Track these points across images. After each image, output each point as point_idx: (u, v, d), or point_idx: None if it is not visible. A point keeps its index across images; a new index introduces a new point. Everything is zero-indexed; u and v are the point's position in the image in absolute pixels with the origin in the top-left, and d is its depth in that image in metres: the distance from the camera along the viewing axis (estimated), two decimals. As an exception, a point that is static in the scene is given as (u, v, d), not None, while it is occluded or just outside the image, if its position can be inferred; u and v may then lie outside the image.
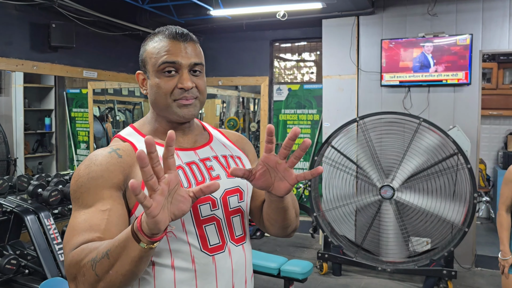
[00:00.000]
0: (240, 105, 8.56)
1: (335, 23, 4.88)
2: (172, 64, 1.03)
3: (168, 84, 1.03)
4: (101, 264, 0.85)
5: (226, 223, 1.08)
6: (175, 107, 1.05)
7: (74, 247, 0.91)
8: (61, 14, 4.25)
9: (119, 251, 0.84)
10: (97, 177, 0.97)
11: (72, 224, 0.95)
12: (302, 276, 3.07)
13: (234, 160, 1.16)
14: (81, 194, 0.97)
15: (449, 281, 3.75)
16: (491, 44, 4.28)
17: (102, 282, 0.86)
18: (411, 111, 4.49)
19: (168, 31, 1.07)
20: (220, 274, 1.03)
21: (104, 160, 0.99)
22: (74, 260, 0.89)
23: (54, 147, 6.12)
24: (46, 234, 3.65)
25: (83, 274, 0.88)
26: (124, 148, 1.03)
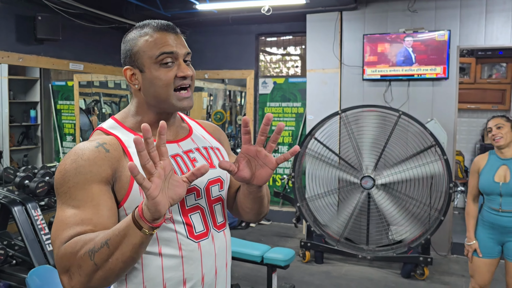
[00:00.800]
0: (227, 98, 8.62)
1: (319, 18, 4.98)
2: (170, 55, 1.06)
3: (168, 75, 1.06)
4: (101, 253, 0.88)
5: (209, 211, 1.14)
6: (175, 99, 1.07)
7: (65, 240, 0.93)
8: (47, 6, 4.27)
9: (120, 239, 0.88)
10: (86, 172, 0.98)
11: (61, 218, 0.97)
12: (284, 263, 3.18)
13: (214, 152, 1.21)
14: (68, 189, 0.98)
15: (425, 267, 3.91)
16: (468, 40, 4.43)
17: (100, 271, 0.90)
18: (391, 104, 4.63)
19: (156, 24, 1.08)
20: (205, 258, 1.10)
21: (92, 155, 1.00)
22: (68, 253, 0.92)
23: (39, 139, 6.12)
24: (33, 225, 3.70)
25: (79, 265, 0.90)
26: (110, 142, 1.05)
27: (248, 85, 5.87)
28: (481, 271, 2.67)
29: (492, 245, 2.62)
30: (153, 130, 1.11)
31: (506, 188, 2.51)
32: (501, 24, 4.29)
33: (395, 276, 4.03)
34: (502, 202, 2.54)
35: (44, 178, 4.16)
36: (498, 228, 2.58)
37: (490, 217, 2.60)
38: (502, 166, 2.57)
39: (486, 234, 2.63)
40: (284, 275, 3.91)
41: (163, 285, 1.06)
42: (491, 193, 2.57)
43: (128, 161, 1.03)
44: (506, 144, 2.55)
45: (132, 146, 1.05)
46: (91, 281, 0.91)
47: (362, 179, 4.20)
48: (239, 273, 3.96)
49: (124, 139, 1.08)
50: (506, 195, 2.52)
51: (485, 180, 2.60)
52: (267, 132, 1.01)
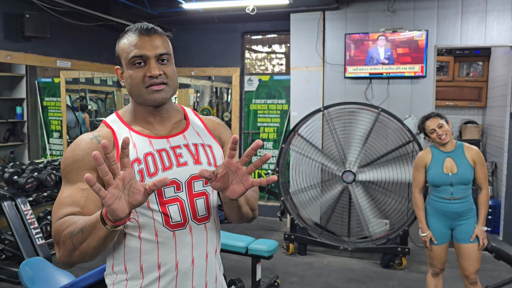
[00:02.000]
0: (213, 95, 8.71)
1: (302, 17, 5.12)
2: (140, 58, 1.17)
3: (138, 74, 1.18)
4: (77, 237, 1.04)
5: (189, 204, 1.21)
6: (147, 94, 1.19)
7: (59, 217, 1.11)
8: (35, 4, 4.32)
9: (91, 229, 1.02)
10: (79, 160, 1.15)
11: (59, 198, 1.15)
12: (268, 254, 3.32)
13: (204, 149, 1.27)
14: (66, 173, 1.16)
15: (403, 257, 4.10)
16: (445, 40, 4.62)
17: (77, 251, 1.06)
18: (372, 101, 4.79)
19: (135, 28, 1.20)
20: (180, 247, 1.19)
21: (86, 145, 1.17)
22: (57, 229, 1.10)
23: (26, 136, 6.14)
24: (23, 219, 3.77)
25: (63, 242, 1.08)
26: (105, 134, 1.20)
27: (234, 83, 5.98)
28: (439, 256, 2.89)
29: (444, 231, 2.85)
30: (143, 124, 1.25)
31: (456, 178, 2.74)
32: (475, 24, 4.48)
33: (375, 266, 4.20)
34: (453, 191, 2.76)
35: (32, 173, 4.22)
36: (449, 215, 2.80)
37: (441, 206, 2.81)
38: (447, 158, 2.78)
39: (438, 222, 2.85)
40: (268, 266, 4.05)
41: (140, 266, 1.19)
42: (441, 184, 2.77)
43: (115, 152, 1.16)
44: (450, 139, 2.78)
45: (121, 139, 1.15)
46: (71, 256, 1.08)
47: (344, 174, 4.36)
48: (225, 264, 4.08)
49: (118, 132, 1.21)
50: (456, 184, 2.74)
51: (435, 173, 2.80)
52: (252, 156, 1.05)
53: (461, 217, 2.79)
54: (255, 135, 5.97)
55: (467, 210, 2.79)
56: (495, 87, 5.45)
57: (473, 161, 2.75)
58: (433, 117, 2.82)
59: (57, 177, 4.35)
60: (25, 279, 2.36)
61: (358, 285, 3.77)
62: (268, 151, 5.90)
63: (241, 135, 6.03)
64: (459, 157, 2.76)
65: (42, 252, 3.69)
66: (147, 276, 1.19)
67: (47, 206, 4.62)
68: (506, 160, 4.55)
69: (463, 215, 2.79)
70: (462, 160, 2.75)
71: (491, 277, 3.89)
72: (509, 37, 4.38)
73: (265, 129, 5.92)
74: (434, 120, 2.79)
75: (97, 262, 3.99)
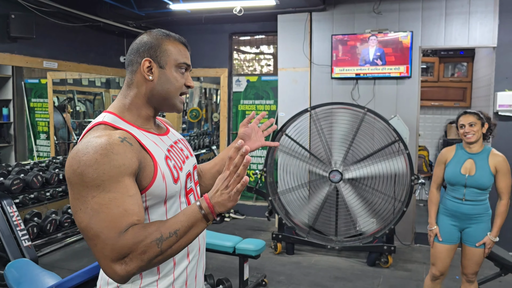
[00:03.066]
0: (202, 96, 8.71)
1: (289, 18, 5.16)
2: (187, 66, 1.27)
3: (181, 80, 1.26)
4: (168, 241, 1.04)
5: (196, 191, 1.36)
6: (179, 101, 1.27)
7: (122, 230, 1.02)
8: (21, 4, 4.29)
9: (187, 229, 1.06)
10: (119, 165, 1.05)
11: (103, 210, 1.03)
12: (255, 253, 3.35)
13: (185, 142, 1.41)
14: (102, 182, 1.03)
15: (389, 255, 4.15)
16: (430, 41, 4.69)
17: (161, 256, 1.05)
18: (358, 101, 4.85)
19: (178, 37, 1.28)
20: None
21: (121, 148, 1.07)
22: (129, 242, 1.02)
23: (12, 137, 6.08)
24: (9, 221, 3.74)
25: (142, 252, 1.02)
26: (128, 136, 1.13)
27: (222, 83, 6.00)
28: (442, 256, 2.86)
29: (453, 232, 2.83)
30: (146, 124, 1.25)
31: (471, 181, 2.71)
32: (459, 26, 4.56)
33: (361, 264, 4.25)
34: (466, 192, 2.74)
35: (19, 175, 4.20)
36: (460, 216, 2.78)
37: (453, 205, 2.80)
38: (468, 159, 2.75)
39: (448, 221, 2.83)
40: (256, 265, 4.08)
41: (173, 261, 1.23)
42: (456, 184, 2.76)
43: (147, 153, 1.15)
44: (475, 140, 2.73)
45: (143, 140, 1.17)
46: (148, 265, 1.05)
47: (331, 173, 4.41)
48: (213, 264, 4.11)
49: (134, 133, 1.17)
50: (470, 186, 2.72)
51: (452, 171, 2.78)
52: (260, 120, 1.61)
53: (472, 220, 2.75)
54: (244, 136, 5.98)
55: (479, 213, 2.74)
56: (479, 87, 5.55)
57: (495, 169, 2.69)
58: (470, 114, 2.73)
59: (43, 179, 4.33)
60: (10, 281, 2.35)
61: (345, 284, 3.81)
62: (256, 151, 5.93)
63: (229, 136, 6.05)
64: (481, 161, 2.71)
65: (28, 254, 3.67)
66: (178, 268, 1.24)
67: (34, 208, 4.59)
68: (489, 159, 4.62)
69: (474, 218, 2.75)
70: (483, 165, 2.70)
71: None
72: (491, 38, 4.47)
73: (253, 129, 5.94)
74: (470, 117, 2.71)
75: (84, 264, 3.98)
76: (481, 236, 2.76)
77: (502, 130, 4.53)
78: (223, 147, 6.04)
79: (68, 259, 4.28)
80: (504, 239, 4.34)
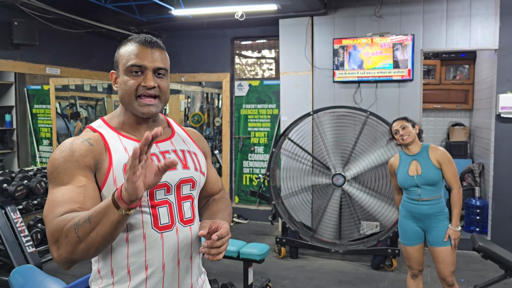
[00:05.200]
0: (204, 101, 8.72)
1: (291, 22, 5.18)
2: (138, 67, 1.21)
3: (133, 82, 1.21)
4: (83, 227, 1.02)
5: (177, 207, 1.26)
6: (137, 104, 1.22)
7: (58, 215, 1.07)
8: (23, 12, 4.31)
9: (100, 216, 1.01)
10: (73, 161, 1.15)
11: (52, 198, 1.12)
12: (260, 257, 3.34)
13: (190, 155, 1.34)
14: (57, 174, 1.15)
15: (393, 259, 4.14)
16: (431, 44, 4.69)
17: (83, 243, 1.03)
18: (361, 105, 4.85)
19: (139, 38, 1.24)
20: (167, 248, 1.22)
21: (78, 147, 1.18)
22: (58, 226, 1.05)
23: (15, 144, 6.10)
24: (13, 228, 3.75)
25: (65, 236, 1.03)
26: (94, 137, 1.21)
27: (224, 88, 6.01)
28: (415, 257, 2.96)
29: (417, 232, 2.92)
30: (129, 130, 1.28)
31: (420, 179, 2.83)
32: (460, 29, 4.57)
33: (365, 268, 4.24)
34: (421, 192, 2.84)
35: (22, 181, 4.21)
36: (419, 217, 2.87)
37: (412, 207, 2.90)
38: (412, 161, 2.88)
39: (410, 223, 2.93)
40: (260, 270, 4.07)
41: (127, 268, 1.21)
42: (409, 186, 2.88)
43: (107, 156, 1.19)
44: (412, 140, 2.87)
45: (112, 143, 1.22)
46: (75, 251, 1.04)
47: (334, 177, 4.40)
48: (217, 269, 4.10)
49: (107, 137, 1.23)
50: (422, 185, 2.83)
51: (401, 176, 2.91)
52: None
53: (432, 220, 2.85)
54: (246, 140, 6.00)
55: (437, 212, 2.84)
56: (481, 90, 5.54)
57: (437, 162, 2.83)
58: (399, 120, 2.95)
59: (47, 185, 4.33)
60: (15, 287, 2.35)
61: (349, 287, 3.79)
62: (259, 155, 5.93)
63: (232, 140, 6.06)
64: (423, 159, 2.85)
65: (32, 260, 3.67)
66: (134, 278, 1.21)
67: (37, 214, 4.59)
68: (492, 161, 4.62)
69: (434, 218, 2.84)
70: (426, 162, 2.84)
71: (480, 276, 3.95)
72: (493, 41, 4.47)
73: (255, 133, 5.95)
74: (399, 122, 2.92)
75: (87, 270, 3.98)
76: (444, 233, 2.84)
77: (504, 132, 4.54)
78: (225, 151, 6.05)
79: (71, 265, 4.27)
80: (509, 241, 4.34)
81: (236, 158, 6.06)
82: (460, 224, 2.94)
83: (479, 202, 4.91)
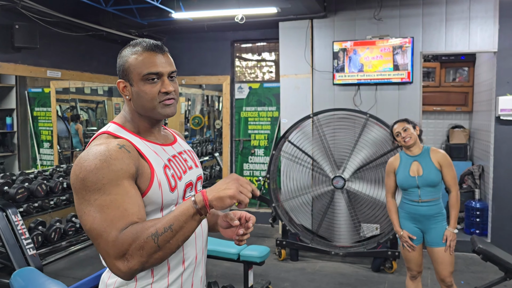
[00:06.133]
0: (204, 103, 8.74)
1: (290, 25, 5.20)
2: (155, 75, 1.24)
3: (153, 90, 1.23)
4: (164, 236, 1.07)
5: None
6: (160, 108, 1.25)
7: (121, 228, 1.08)
8: (24, 15, 4.33)
9: (182, 224, 1.08)
10: (118, 170, 1.12)
11: (104, 210, 1.09)
12: (260, 260, 3.34)
13: (192, 154, 1.44)
14: (103, 185, 1.10)
15: (393, 261, 4.15)
16: (430, 46, 4.71)
17: (160, 251, 1.08)
18: (361, 107, 4.86)
19: (146, 44, 1.25)
20: (197, 240, 1.33)
21: (119, 154, 1.15)
22: (128, 239, 1.07)
23: (16, 146, 6.11)
24: (14, 230, 3.75)
25: (140, 248, 1.06)
26: (127, 144, 1.20)
27: (224, 90, 6.03)
28: (414, 258, 2.96)
29: (416, 233, 2.92)
30: (147, 134, 1.31)
31: (422, 180, 2.84)
32: (459, 31, 4.59)
33: (366, 270, 4.24)
34: (421, 193, 2.85)
35: (23, 184, 4.21)
36: (419, 218, 2.89)
37: (411, 208, 2.91)
38: (413, 162, 2.89)
39: (409, 224, 2.93)
40: (260, 272, 4.08)
41: (168, 265, 1.25)
42: (409, 187, 2.88)
43: (145, 160, 1.21)
44: (414, 142, 2.89)
45: (143, 149, 1.24)
46: (149, 261, 1.08)
47: (334, 179, 4.41)
48: (217, 271, 4.11)
49: (134, 141, 1.24)
50: (423, 186, 2.84)
51: (402, 176, 2.91)
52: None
53: (431, 221, 2.86)
54: (246, 142, 6.01)
55: (436, 213, 2.86)
56: (480, 92, 5.56)
57: (438, 164, 2.85)
58: (400, 122, 2.96)
59: (48, 187, 4.34)
60: (16, 289, 2.36)
61: (350, 289, 3.80)
62: (259, 158, 5.95)
63: (232, 143, 6.07)
64: (425, 160, 2.87)
65: (33, 262, 3.67)
66: (172, 274, 1.26)
67: (38, 217, 4.60)
68: (492, 163, 4.63)
69: (433, 219, 2.86)
70: (427, 163, 2.86)
71: (479, 278, 3.95)
72: (492, 43, 4.49)
73: (256, 136, 5.97)
74: (401, 124, 2.93)
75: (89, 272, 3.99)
76: (443, 234, 2.85)
77: (504, 134, 4.55)
78: (226, 154, 6.06)
79: (72, 268, 4.28)
80: (509, 243, 4.34)
81: (236, 160, 6.07)
82: (458, 227, 2.94)
83: (479, 204, 4.91)
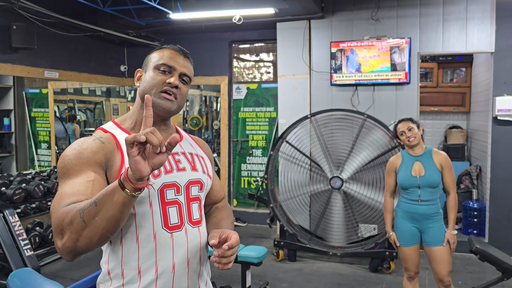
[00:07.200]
0: (203, 104, 8.74)
1: (288, 26, 5.20)
2: (167, 67, 1.29)
3: (159, 78, 1.27)
4: (89, 211, 1.01)
5: (186, 207, 1.29)
6: (158, 97, 1.26)
7: (64, 206, 1.08)
8: (22, 16, 4.33)
9: (106, 198, 1.00)
10: (83, 157, 1.18)
11: (60, 192, 1.13)
12: (257, 260, 3.34)
13: (198, 159, 1.39)
14: (67, 170, 1.17)
15: (391, 261, 4.15)
16: (428, 47, 4.72)
17: (87, 228, 1.01)
18: (358, 108, 4.87)
19: (173, 47, 1.34)
20: (177, 248, 1.24)
21: (89, 144, 1.21)
22: (63, 215, 1.05)
23: (13, 147, 6.10)
24: (11, 231, 3.75)
25: (70, 223, 1.03)
26: (106, 137, 1.25)
27: (222, 91, 6.03)
28: (411, 258, 2.96)
29: (414, 233, 2.93)
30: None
31: (423, 180, 2.85)
32: (457, 32, 4.60)
33: (363, 270, 4.25)
34: (421, 193, 2.86)
35: (20, 185, 4.21)
36: (417, 217, 2.89)
37: (410, 207, 2.91)
38: (416, 162, 2.90)
39: (407, 223, 2.94)
40: (258, 273, 4.08)
41: (138, 270, 1.22)
42: (410, 187, 2.89)
43: (119, 155, 1.22)
44: (418, 142, 2.90)
45: (123, 143, 1.17)
46: (79, 238, 1.03)
47: (331, 180, 4.42)
48: (215, 272, 4.10)
49: (119, 137, 1.27)
50: (424, 186, 2.85)
51: (403, 176, 2.91)
52: None
53: (428, 220, 2.87)
54: (244, 143, 6.01)
55: (434, 213, 2.87)
56: (478, 92, 5.57)
57: (440, 166, 2.86)
58: (405, 121, 2.95)
59: (45, 188, 4.34)
60: (13, 290, 2.35)
61: (347, 290, 3.80)
62: (257, 158, 5.95)
63: (230, 143, 6.07)
64: (427, 161, 2.88)
65: (30, 263, 3.67)
66: (144, 278, 1.23)
67: (36, 218, 4.59)
68: (489, 163, 4.64)
69: (431, 218, 2.87)
70: (429, 164, 2.86)
71: (477, 278, 3.96)
72: (489, 44, 4.50)
73: (253, 136, 5.97)
74: (406, 123, 2.93)
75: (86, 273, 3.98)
76: (441, 233, 2.86)
77: (501, 135, 4.56)
78: (224, 154, 6.06)
79: (70, 269, 4.27)
80: (506, 243, 4.35)
81: (234, 161, 6.07)
82: (456, 227, 2.96)
83: (476, 204, 4.93)
